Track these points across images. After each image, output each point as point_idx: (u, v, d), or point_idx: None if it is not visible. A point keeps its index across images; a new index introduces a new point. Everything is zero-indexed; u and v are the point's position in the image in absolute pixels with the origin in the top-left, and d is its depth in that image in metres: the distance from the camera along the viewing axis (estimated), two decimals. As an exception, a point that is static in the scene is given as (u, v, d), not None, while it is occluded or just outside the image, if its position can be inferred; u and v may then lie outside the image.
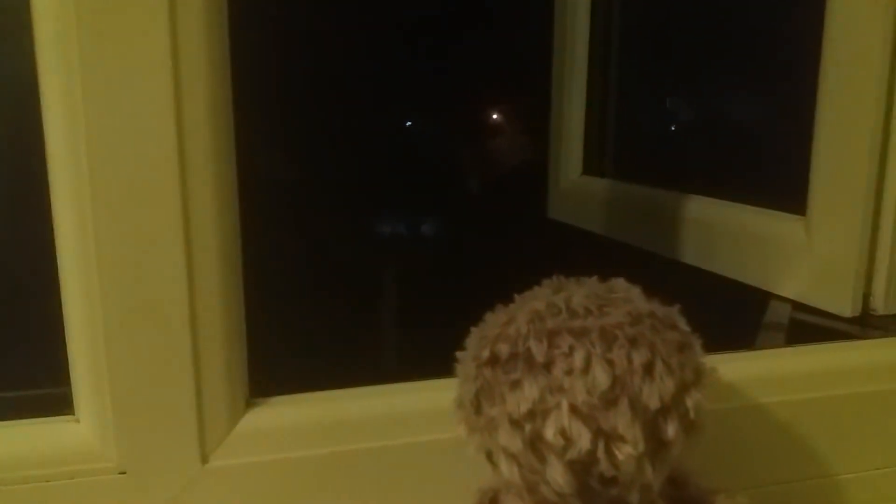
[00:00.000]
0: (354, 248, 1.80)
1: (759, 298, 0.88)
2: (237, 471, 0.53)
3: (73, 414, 0.52)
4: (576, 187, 1.36)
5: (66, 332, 0.51)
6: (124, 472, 0.51)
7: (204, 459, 0.52)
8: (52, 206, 0.49)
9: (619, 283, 0.45)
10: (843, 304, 0.77)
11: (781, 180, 0.93)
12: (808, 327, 0.78)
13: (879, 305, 0.77)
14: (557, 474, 0.40)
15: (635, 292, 0.44)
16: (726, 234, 0.96)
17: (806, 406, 0.64)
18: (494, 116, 1.91)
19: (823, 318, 0.79)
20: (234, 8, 0.50)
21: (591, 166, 1.35)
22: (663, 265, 1.06)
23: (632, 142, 1.36)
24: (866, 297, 0.77)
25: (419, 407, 0.55)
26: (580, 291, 0.44)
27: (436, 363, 0.56)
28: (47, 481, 0.50)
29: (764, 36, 1.00)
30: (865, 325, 0.76)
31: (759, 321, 0.83)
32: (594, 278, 0.46)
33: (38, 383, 0.56)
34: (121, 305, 0.49)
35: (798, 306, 0.83)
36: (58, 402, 0.52)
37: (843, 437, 0.65)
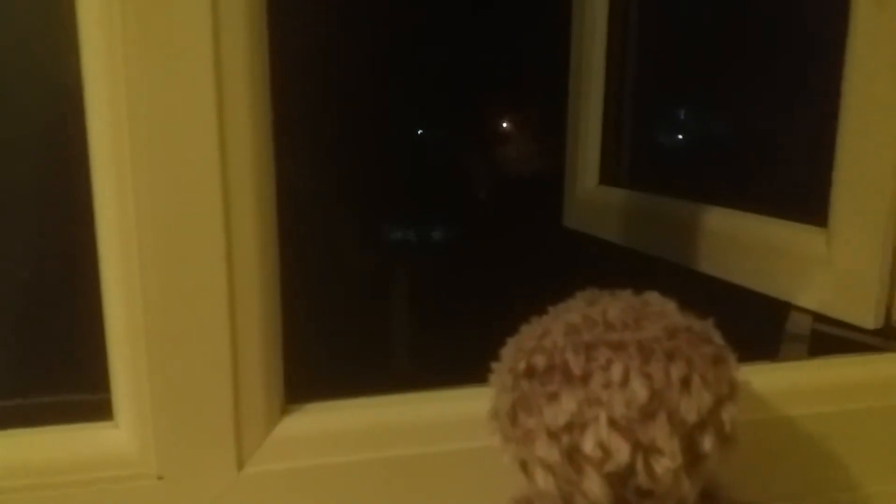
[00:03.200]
0: (374, 255, 1.81)
1: (778, 309, 0.88)
2: (273, 477, 0.53)
3: (113, 420, 0.53)
4: (592, 196, 1.36)
5: (106, 338, 0.52)
6: (162, 478, 0.52)
7: (240, 466, 0.53)
8: (96, 212, 0.50)
9: (654, 297, 0.46)
10: (866, 316, 0.77)
11: (801, 191, 0.93)
12: (830, 339, 0.79)
13: (902, 318, 0.77)
14: (594, 486, 0.40)
15: (671, 306, 0.45)
16: (746, 244, 0.96)
17: (830, 419, 0.64)
18: (511, 124, 1.92)
19: (845, 330, 0.79)
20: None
21: (608, 175, 1.36)
22: (681, 275, 1.06)
23: (649, 151, 1.37)
24: (889, 308, 0.78)
25: (454, 415, 0.56)
26: (616, 304, 0.44)
27: (463, 369, 0.57)
28: (86, 487, 0.51)
29: (784, 44, 1.00)
30: (888, 336, 0.76)
31: (779, 332, 0.83)
32: (628, 291, 0.47)
33: (78, 389, 0.56)
34: (161, 312, 0.50)
35: (819, 317, 0.83)
36: (97, 408, 0.53)
37: (868, 450, 0.65)
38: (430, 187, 1.87)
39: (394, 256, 1.86)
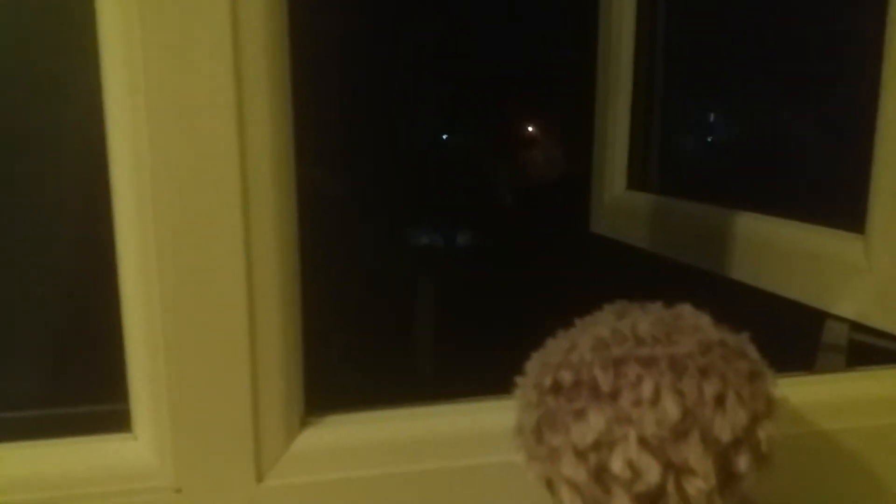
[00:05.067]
0: (397, 262, 1.80)
1: (813, 318, 0.85)
2: (292, 490, 0.52)
3: (131, 431, 0.52)
4: (620, 202, 1.34)
5: (125, 348, 0.52)
6: (180, 491, 0.51)
7: (259, 478, 0.52)
8: (115, 222, 0.50)
9: (687, 310, 0.44)
10: (905, 326, 0.75)
11: (838, 197, 0.91)
12: (869, 349, 0.76)
13: (942, 327, 0.74)
14: (624, 506, 0.39)
15: (704, 319, 0.43)
16: (779, 251, 0.94)
17: (868, 433, 0.62)
18: (537, 129, 1.90)
19: (883, 340, 0.76)
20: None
21: (636, 180, 1.34)
22: (711, 282, 1.04)
23: (678, 156, 1.34)
24: (929, 318, 0.75)
25: (479, 428, 0.55)
26: (646, 318, 0.43)
27: (484, 380, 0.56)
28: (103, 500, 0.50)
29: (818, 46, 0.98)
30: (929, 347, 0.73)
31: (815, 342, 0.80)
32: (659, 304, 0.45)
33: (97, 400, 0.56)
34: (181, 322, 0.49)
35: (857, 327, 0.80)
36: (116, 420, 0.52)
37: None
38: (456, 193, 1.86)
39: (418, 263, 1.85)
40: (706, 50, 1.24)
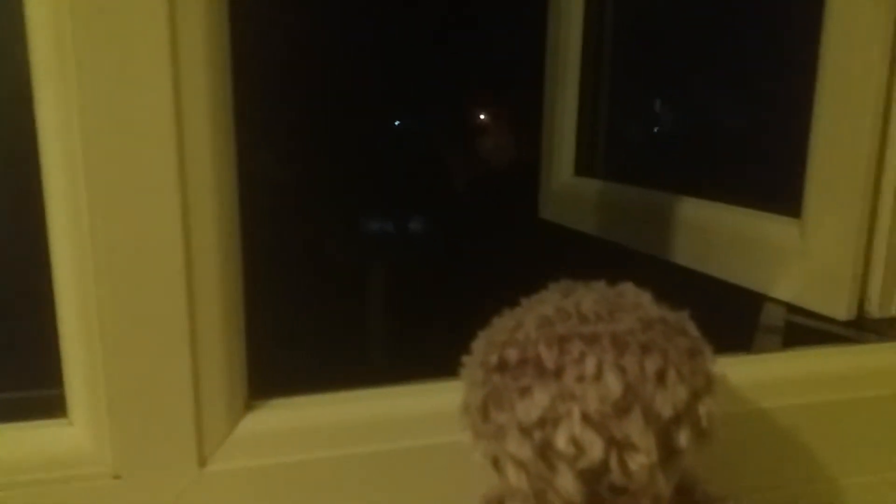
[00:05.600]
0: (346, 247, 1.79)
1: (753, 301, 0.88)
2: (236, 475, 0.51)
3: (67, 417, 0.51)
4: (568, 188, 1.36)
5: (59, 331, 0.50)
6: (119, 477, 0.50)
7: (202, 463, 0.51)
8: (47, 205, 0.48)
9: (629, 288, 0.44)
10: (839, 308, 0.77)
11: (776, 182, 0.93)
12: (804, 330, 0.78)
13: (874, 309, 0.77)
14: (567, 483, 0.39)
15: (645, 297, 0.43)
16: (720, 235, 0.96)
17: (804, 411, 0.64)
18: (486, 116, 1.90)
19: (818, 322, 0.79)
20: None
21: (583, 167, 1.35)
22: (656, 266, 1.06)
23: (624, 143, 1.36)
24: (861, 300, 0.78)
25: (422, 410, 0.55)
26: (589, 296, 0.43)
27: (433, 363, 0.56)
28: (39, 487, 0.49)
29: (758, 35, 1.00)
30: (861, 328, 0.76)
31: (754, 323, 0.83)
32: (602, 283, 0.45)
33: (31, 385, 0.54)
34: (117, 305, 0.48)
35: (793, 309, 0.83)
36: (51, 405, 0.51)
37: (842, 442, 0.65)
38: (407, 179, 1.86)
39: (364, 247, 1.84)
40: (652, 39, 1.26)
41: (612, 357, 0.39)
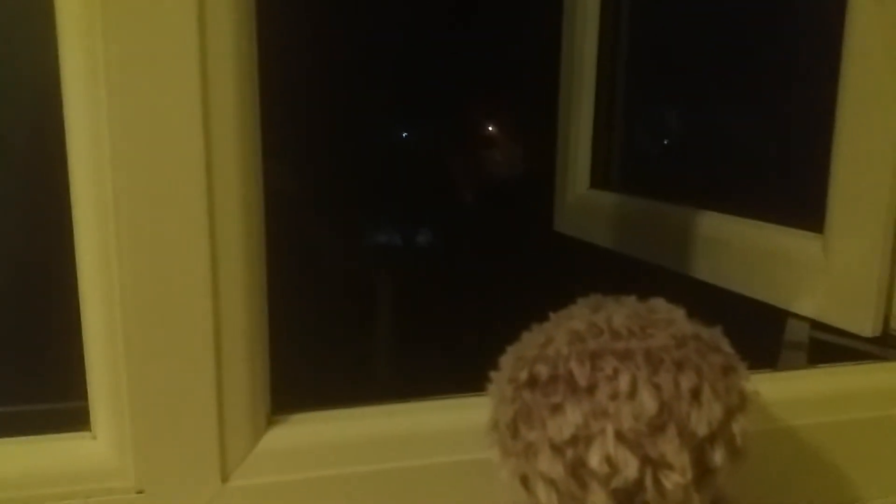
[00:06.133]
0: (359, 262, 1.79)
1: (774, 317, 0.87)
2: (259, 490, 0.51)
3: (90, 430, 0.50)
4: (583, 201, 1.35)
5: (84, 344, 0.50)
6: (142, 492, 0.49)
7: (224, 478, 0.50)
8: (74, 216, 0.48)
9: (660, 304, 0.44)
10: (864, 324, 0.76)
11: (797, 196, 0.92)
12: (829, 346, 0.77)
13: (900, 325, 0.76)
14: (600, 502, 0.38)
15: (678, 313, 0.43)
16: (740, 250, 0.95)
17: (829, 429, 0.63)
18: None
19: (843, 338, 0.78)
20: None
21: (599, 180, 1.34)
22: (675, 281, 1.05)
23: (641, 155, 1.36)
24: (886, 316, 0.76)
25: (447, 426, 0.54)
26: (621, 311, 0.42)
27: (453, 378, 0.55)
28: (62, 500, 0.48)
29: (779, 47, 0.99)
30: (886, 344, 0.75)
31: (777, 340, 0.82)
32: (633, 297, 0.45)
33: (55, 398, 0.54)
34: (142, 318, 0.47)
35: (817, 325, 0.82)
36: (74, 418, 0.50)
37: (869, 461, 0.64)
38: (419, 191, 1.85)
39: (380, 262, 1.84)
40: (669, 49, 1.26)
41: (647, 374, 0.38)
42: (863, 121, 0.76)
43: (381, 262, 1.83)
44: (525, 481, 0.42)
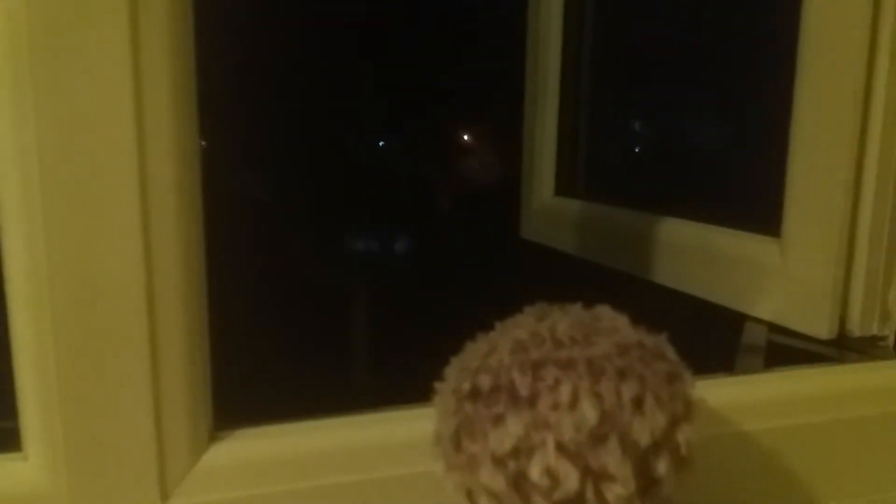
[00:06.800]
0: (324, 269, 1.77)
1: (734, 320, 0.87)
2: (200, 510, 0.49)
3: (21, 451, 0.48)
4: (548, 208, 1.35)
5: (13, 360, 0.48)
6: (77, 514, 0.47)
7: (164, 498, 0.49)
8: (1, 230, 0.46)
9: (605, 311, 0.43)
10: (820, 327, 0.77)
11: (755, 202, 0.93)
12: (786, 350, 0.78)
13: (855, 328, 0.76)
14: (543, 515, 0.37)
15: (622, 321, 0.42)
16: (700, 255, 0.95)
17: (785, 433, 0.63)
18: (467, 137, 1.90)
19: (800, 341, 0.78)
20: (200, 22, 0.48)
21: (564, 187, 1.34)
22: (637, 286, 1.05)
23: (604, 163, 1.36)
24: (843, 319, 0.77)
25: (396, 438, 0.53)
26: (565, 320, 0.42)
27: (409, 389, 0.54)
28: (-9, 525, 0.46)
29: (735, 56, 1.00)
30: (842, 347, 0.75)
31: (735, 343, 0.82)
32: (578, 305, 0.44)
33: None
34: (73, 332, 0.45)
35: (775, 328, 0.82)
36: (5, 438, 0.48)
37: (825, 464, 0.64)
38: (386, 199, 1.85)
39: (344, 268, 1.82)
40: (632, 59, 1.26)
41: (588, 383, 0.38)
42: (817, 125, 0.76)
43: (341, 267, 1.82)
44: (470, 495, 0.41)
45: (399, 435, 0.53)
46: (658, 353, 0.41)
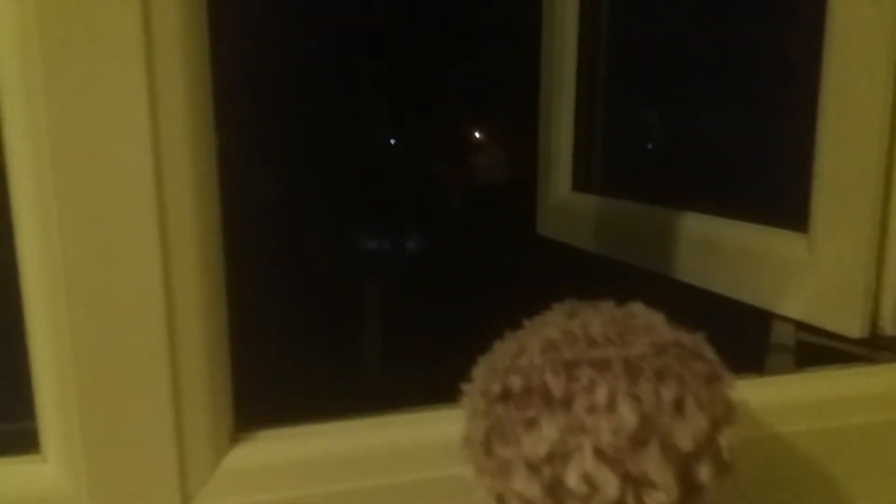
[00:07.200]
0: (339, 268, 1.76)
1: (760, 319, 0.85)
2: (221, 514, 0.48)
3: (40, 453, 0.47)
4: (565, 204, 1.33)
5: (31, 362, 0.47)
6: (96, 517, 0.46)
7: (186, 501, 0.48)
8: (17, 231, 0.45)
9: (639, 309, 0.42)
10: (851, 325, 0.74)
11: (781, 195, 0.91)
12: (816, 349, 0.76)
13: (888, 326, 0.74)
14: (579, 522, 0.36)
15: (657, 319, 0.41)
16: (724, 251, 0.93)
17: (818, 435, 0.61)
18: (483, 132, 1.89)
19: (830, 340, 0.76)
20: (214, 21, 0.47)
21: (581, 182, 1.33)
22: (657, 284, 1.03)
23: (622, 157, 1.34)
24: (874, 317, 0.75)
25: (422, 440, 0.52)
26: (597, 318, 0.40)
27: (430, 388, 0.53)
28: (10, 528, 0.45)
29: (759, 44, 0.98)
30: (874, 346, 0.73)
31: (762, 343, 0.80)
32: (610, 303, 0.43)
33: (2, 418, 0.51)
34: (92, 332, 0.45)
35: (803, 327, 0.80)
36: (23, 440, 0.47)
37: (860, 468, 0.62)
38: (402, 197, 1.84)
39: (360, 267, 1.82)
40: (649, 51, 1.24)
41: (626, 385, 0.36)
42: (846, 117, 0.74)
43: (357, 266, 1.81)
44: (500, 500, 0.39)
45: (424, 437, 0.52)
46: (696, 353, 0.39)
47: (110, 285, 0.44)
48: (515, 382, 0.38)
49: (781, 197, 0.90)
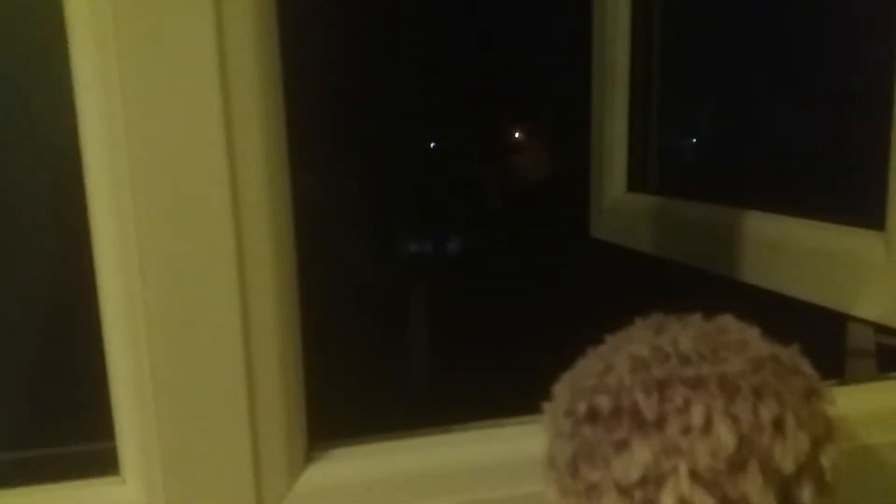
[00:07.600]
0: (393, 274, 1.76)
1: (832, 321, 0.81)
2: (298, 533, 0.48)
3: (119, 474, 0.48)
4: (620, 205, 1.31)
5: (110, 383, 0.47)
6: (175, 538, 0.46)
7: (262, 521, 0.47)
8: (95, 251, 0.46)
9: (731, 322, 0.40)
10: (935, 327, 0.71)
11: (854, 192, 0.87)
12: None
13: (975, 327, 0.71)
14: (675, 548, 0.34)
15: (751, 332, 0.39)
16: (793, 251, 0.90)
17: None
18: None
19: (912, 342, 0.72)
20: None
21: (636, 182, 1.30)
22: (720, 286, 1.00)
23: (679, 156, 1.31)
24: (959, 318, 0.71)
25: (496, 457, 0.50)
26: (687, 333, 0.38)
27: (490, 397, 0.52)
28: (92, 548, 0.46)
29: (830, 36, 0.94)
30: (961, 349, 0.70)
31: (834, 346, 0.77)
32: (698, 316, 0.41)
33: (81, 439, 0.51)
34: (170, 354, 0.45)
35: (882, 329, 0.77)
36: (102, 461, 0.48)
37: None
38: (455, 199, 1.83)
39: (414, 274, 1.81)
40: (706, 41, 1.21)
41: (722, 404, 0.34)
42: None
43: (415, 274, 1.80)
44: (587, 523, 0.38)
45: (498, 453, 0.51)
46: (794, 368, 0.37)
47: (188, 306, 0.44)
48: (604, 403, 0.36)
49: (855, 193, 0.87)
